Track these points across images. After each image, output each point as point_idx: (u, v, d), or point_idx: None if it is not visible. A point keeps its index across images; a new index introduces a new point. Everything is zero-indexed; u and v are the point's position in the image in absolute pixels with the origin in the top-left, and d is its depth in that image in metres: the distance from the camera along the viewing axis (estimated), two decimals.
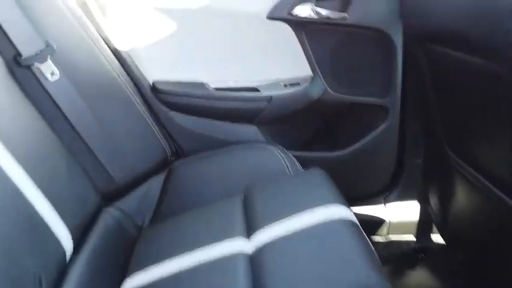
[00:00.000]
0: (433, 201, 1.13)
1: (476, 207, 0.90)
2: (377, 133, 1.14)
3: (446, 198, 1.05)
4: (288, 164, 1.03)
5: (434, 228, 1.19)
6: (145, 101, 1.07)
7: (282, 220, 0.77)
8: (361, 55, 1.08)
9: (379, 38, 1.03)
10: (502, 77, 0.64)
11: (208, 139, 1.13)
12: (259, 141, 1.13)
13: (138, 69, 1.06)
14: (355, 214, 1.23)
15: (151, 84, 1.08)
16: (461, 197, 0.95)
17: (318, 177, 0.92)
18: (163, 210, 1.01)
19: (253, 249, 0.74)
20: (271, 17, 1.03)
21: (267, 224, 0.78)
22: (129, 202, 1.01)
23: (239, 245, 0.76)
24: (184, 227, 0.87)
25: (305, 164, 1.05)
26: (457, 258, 1.13)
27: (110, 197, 0.98)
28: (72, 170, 0.88)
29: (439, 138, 0.97)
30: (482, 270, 0.98)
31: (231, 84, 1.11)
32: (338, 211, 0.79)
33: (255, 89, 1.12)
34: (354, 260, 0.66)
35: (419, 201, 1.22)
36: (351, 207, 1.24)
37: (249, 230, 0.79)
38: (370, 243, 0.74)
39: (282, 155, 1.06)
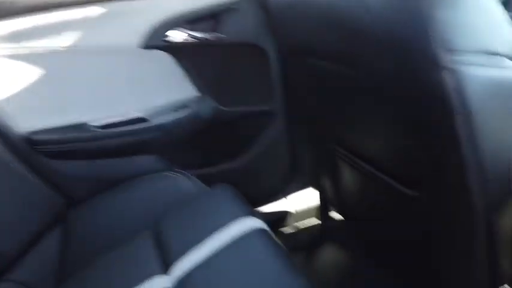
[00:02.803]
0: (327, 185, 1.26)
1: (361, 186, 1.03)
2: (268, 136, 1.22)
3: (336, 182, 1.17)
4: (192, 186, 1.03)
5: None
6: (22, 156, 0.96)
7: (197, 245, 0.78)
8: (241, 69, 1.13)
9: (254, 52, 1.08)
10: (372, 86, 0.75)
11: (104, 180, 1.07)
12: (159, 170, 1.11)
13: (7, 125, 0.95)
14: (263, 214, 1.32)
15: (25, 136, 0.98)
16: (347, 179, 1.08)
17: (223, 194, 0.94)
18: (68, 267, 0.93)
19: (175, 283, 0.74)
20: (147, 46, 1.01)
21: (183, 254, 0.78)
22: (25, 270, 0.90)
23: (158, 284, 0.75)
24: (96, 280, 0.82)
25: (210, 181, 1.07)
26: (355, 231, 1.29)
27: (1, 270, 0.86)
28: None
29: (322, 133, 1.08)
30: (376, 240, 1.14)
31: (116, 118, 1.06)
32: (248, 223, 0.82)
33: (143, 119, 1.09)
34: (270, 267, 0.72)
35: (316, 188, 1.34)
36: (258, 208, 1.32)
37: (166, 265, 0.78)
38: (281, 245, 0.80)
39: (185, 178, 1.06)
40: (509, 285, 0.76)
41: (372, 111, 0.80)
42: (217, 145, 1.25)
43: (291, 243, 1.32)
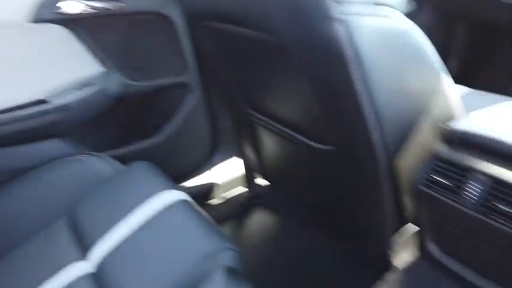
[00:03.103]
0: (249, 153, 1.28)
1: (279, 149, 1.05)
2: (186, 109, 1.19)
3: (257, 148, 1.19)
4: (107, 167, 0.98)
5: None
6: None
7: (116, 225, 0.76)
8: (149, 40, 1.08)
9: (159, 20, 1.03)
10: (276, 46, 0.75)
11: (5, 171, 0.96)
12: (69, 154, 1.03)
13: None
14: (188, 188, 1.31)
15: None
16: (266, 144, 1.09)
17: (141, 171, 0.91)
18: None
19: (95, 267, 0.72)
20: (37, 20, 0.92)
21: (100, 236, 0.75)
22: None
23: (77, 270, 0.72)
24: (9, 275, 0.76)
25: (128, 161, 1.02)
26: (281, 193, 1.32)
27: None
28: None
29: (239, 100, 1.07)
30: (301, 198, 1.18)
31: (11, 103, 0.96)
32: (169, 196, 0.81)
33: (43, 101, 0.99)
34: (193, 236, 0.71)
35: (239, 157, 1.35)
36: (184, 184, 1.31)
37: (84, 250, 0.76)
38: (205, 213, 0.79)
39: (99, 160, 1.00)
40: (412, 223, 0.83)
41: (280, 72, 0.81)
42: (133, 122, 1.20)
43: (220, 214, 1.33)
